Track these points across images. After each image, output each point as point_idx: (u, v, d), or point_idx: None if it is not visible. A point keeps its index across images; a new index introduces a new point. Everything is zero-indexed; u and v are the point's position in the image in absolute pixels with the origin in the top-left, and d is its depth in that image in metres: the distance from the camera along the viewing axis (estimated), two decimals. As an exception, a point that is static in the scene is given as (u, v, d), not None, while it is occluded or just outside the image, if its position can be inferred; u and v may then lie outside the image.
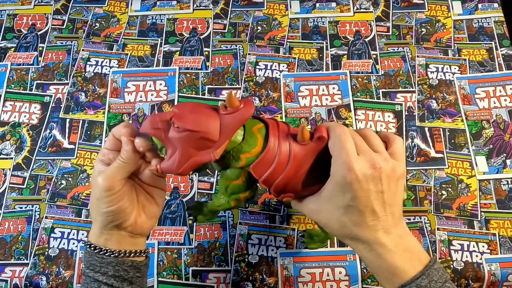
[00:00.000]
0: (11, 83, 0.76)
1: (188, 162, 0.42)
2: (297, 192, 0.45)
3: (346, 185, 0.40)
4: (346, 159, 0.40)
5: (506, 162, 0.69)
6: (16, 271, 0.63)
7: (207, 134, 0.41)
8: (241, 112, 0.42)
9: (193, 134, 0.41)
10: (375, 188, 0.41)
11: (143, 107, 0.74)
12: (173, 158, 0.42)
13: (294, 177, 0.43)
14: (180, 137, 0.41)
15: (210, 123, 0.42)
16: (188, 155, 0.42)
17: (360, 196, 0.41)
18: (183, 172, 0.42)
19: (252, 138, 0.44)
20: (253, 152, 0.43)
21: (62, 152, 0.71)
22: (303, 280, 0.62)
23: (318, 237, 0.60)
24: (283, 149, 0.43)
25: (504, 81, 0.75)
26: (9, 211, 0.67)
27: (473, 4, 0.83)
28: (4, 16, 0.83)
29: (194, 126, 0.41)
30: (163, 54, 0.79)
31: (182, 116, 0.42)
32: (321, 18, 0.83)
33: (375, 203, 0.41)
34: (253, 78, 0.76)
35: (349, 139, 0.42)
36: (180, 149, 0.42)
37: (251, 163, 0.43)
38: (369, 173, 0.40)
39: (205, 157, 0.42)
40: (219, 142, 0.42)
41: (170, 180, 0.69)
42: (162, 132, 0.42)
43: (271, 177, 0.43)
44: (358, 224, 0.42)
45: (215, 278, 0.62)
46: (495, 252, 0.63)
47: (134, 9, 0.84)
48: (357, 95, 0.74)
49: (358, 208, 0.41)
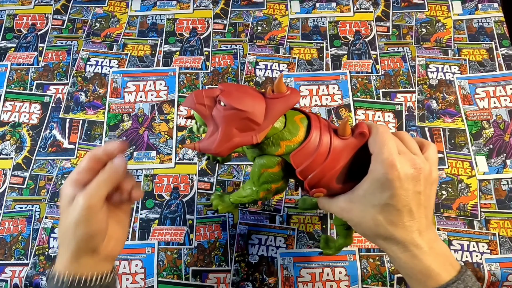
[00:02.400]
0: (11, 83, 0.76)
1: (229, 143, 0.41)
2: (330, 188, 0.44)
3: (386, 182, 0.40)
4: (388, 156, 0.40)
5: (506, 162, 0.69)
6: (16, 271, 0.63)
7: (253, 115, 0.40)
8: (287, 98, 0.41)
9: (238, 113, 0.40)
10: (414, 188, 0.41)
11: (143, 107, 0.74)
12: (213, 137, 0.41)
13: (330, 171, 0.43)
14: (225, 115, 0.40)
15: (256, 104, 0.41)
16: (230, 135, 0.41)
17: (399, 195, 0.40)
18: (221, 152, 0.41)
19: (294, 127, 0.43)
20: (294, 140, 0.42)
21: (62, 152, 0.71)
22: (303, 280, 0.62)
23: (335, 244, 0.59)
24: (324, 142, 0.42)
25: (504, 81, 0.75)
26: (9, 211, 0.67)
27: (473, 4, 0.83)
28: (4, 16, 0.83)
29: (241, 105, 0.40)
30: (163, 54, 0.79)
31: (229, 94, 0.41)
32: (321, 18, 0.83)
33: (413, 204, 0.41)
34: (253, 78, 0.76)
35: (391, 138, 0.41)
36: (222, 127, 0.40)
37: (290, 151, 0.42)
38: (410, 173, 0.40)
39: (247, 139, 0.41)
40: (262, 126, 0.41)
41: (170, 180, 0.69)
42: (206, 109, 0.41)
43: (309, 168, 0.42)
44: (395, 224, 0.41)
45: (215, 278, 0.62)
46: (495, 252, 0.63)
47: (134, 9, 0.84)
48: (357, 95, 0.74)
49: (396, 207, 0.41)
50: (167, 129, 0.72)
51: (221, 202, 0.52)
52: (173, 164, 0.70)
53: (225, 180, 0.69)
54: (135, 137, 0.72)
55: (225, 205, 0.52)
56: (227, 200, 0.52)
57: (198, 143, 0.42)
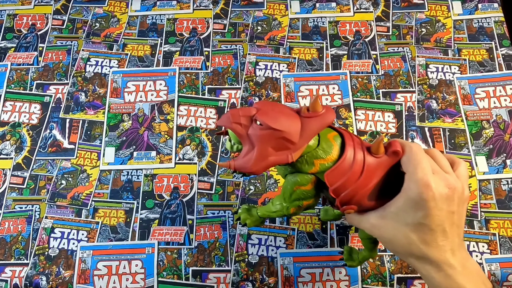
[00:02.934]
0: (11, 83, 0.76)
1: (264, 162, 0.41)
2: (361, 205, 0.44)
3: (420, 202, 0.40)
4: (422, 176, 0.40)
5: (506, 162, 0.69)
6: (16, 271, 0.63)
7: (289, 134, 0.41)
8: (322, 117, 0.42)
9: (275, 133, 0.40)
10: (448, 208, 0.41)
11: (143, 107, 0.74)
12: (249, 156, 0.41)
13: (363, 189, 0.43)
14: (261, 135, 0.41)
15: (292, 124, 0.41)
16: (265, 154, 0.41)
17: (434, 215, 0.40)
18: (257, 171, 0.41)
19: (328, 145, 0.43)
20: (328, 159, 0.43)
21: (62, 152, 0.71)
22: (303, 280, 0.62)
23: (358, 255, 0.58)
24: (358, 160, 0.42)
25: (504, 81, 0.75)
26: (9, 211, 0.67)
27: (473, 4, 0.83)
28: (4, 16, 0.83)
29: (277, 125, 0.40)
30: (163, 54, 0.79)
31: (265, 113, 0.41)
32: (321, 18, 0.83)
33: (446, 223, 0.41)
34: (253, 78, 0.76)
35: (425, 157, 0.42)
36: (258, 147, 0.41)
37: (324, 169, 0.43)
38: (444, 193, 0.40)
39: (282, 158, 0.41)
40: (298, 144, 0.41)
41: (170, 180, 0.69)
42: (242, 128, 0.41)
43: (343, 186, 0.43)
44: (428, 243, 0.42)
45: (215, 278, 0.62)
46: (495, 252, 0.63)
47: (134, 9, 0.84)
48: (357, 95, 0.74)
49: (430, 227, 0.41)
50: (167, 129, 0.72)
51: (249, 216, 0.52)
52: (173, 164, 0.70)
53: (225, 180, 0.69)
54: (135, 137, 0.72)
55: (253, 219, 0.52)
56: (255, 214, 0.52)
57: (234, 161, 0.42)
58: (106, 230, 0.65)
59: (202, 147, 0.71)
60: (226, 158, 0.70)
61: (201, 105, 0.74)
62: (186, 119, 0.73)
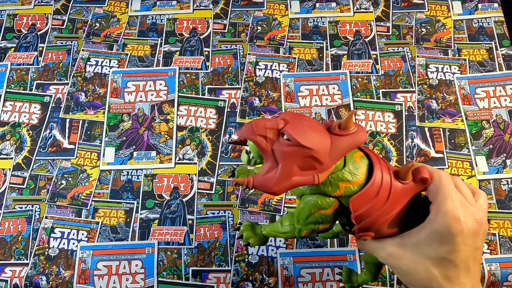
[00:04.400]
0: (11, 83, 0.76)
1: (288, 182, 0.37)
2: (379, 233, 0.41)
3: (447, 236, 0.38)
4: (452, 209, 0.38)
5: (506, 162, 0.69)
6: (16, 271, 0.63)
7: (318, 153, 0.36)
8: (354, 136, 0.38)
9: (303, 151, 0.36)
10: (473, 243, 0.39)
11: (143, 107, 0.74)
12: (271, 174, 0.37)
13: (385, 216, 0.40)
14: (287, 151, 0.36)
15: (322, 141, 0.37)
16: (290, 173, 0.37)
17: (460, 250, 0.38)
18: (278, 191, 0.37)
19: (354, 166, 0.39)
20: (355, 182, 0.39)
21: (62, 152, 0.71)
22: (303, 280, 0.62)
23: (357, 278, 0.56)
24: (385, 185, 0.39)
25: (504, 81, 0.75)
26: (9, 211, 0.67)
27: (473, 4, 0.83)
28: (4, 16, 0.83)
29: (307, 142, 0.36)
30: (163, 54, 0.79)
31: (295, 127, 0.37)
32: (321, 18, 0.83)
33: (470, 260, 0.39)
34: (253, 78, 0.76)
35: (454, 188, 0.39)
36: (283, 165, 0.37)
37: (349, 193, 0.39)
38: (473, 227, 0.38)
39: (308, 179, 0.37)
40: (325, 165, 0.37)
41: (170, 180, 0.69)
42: (267, 142, 0.37)
43: (367, 213, 0.39)
44: (450, 280, 0.39)
45: (215, 278, 0.62)
46: (495, 252, 0.63)
47: (134, 9, 0.84)
48: (357, 95, 0.74)
49: (454, 263, 0.38)
50: (167, 129, 0.72)
51: (252, 234, 0.48)
52: (173, 164, 0.70)
53: (225, 180, 0.69)
54: (135, 137, 0.72)
55: (257, 238, 0.48)
56: (259, 233, 0.48)
57: (252, 178, 0.38)
58: (106, 230, 0.65)
59: (202, 147, 0.71)
60: (226, 158, 0.70)
61: (201, 105, 0.74)
62: (186, 119, 0.73)
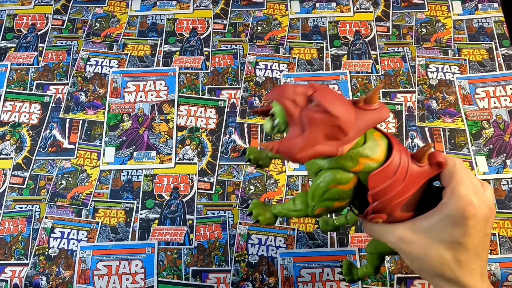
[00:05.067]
0: (11, 83, 0.76)
1: (311, 150, 0.36)
2: (391, 216, 0.41)
3: (461, 219, 0.38)
4: (466, 193, 0.38)
5: (506, 162, 0.69)
6: (16, 271, 0.63)
7: (344, 123, 0.36)
8: (378, 112, 0.38)
9: (330, 119, 0.36)
10: (484, 230, 0.39)
11: (143, 107, 0.74)
12: (296, 140, 0.36)
13: (400, 198, 0.39)
14: (315, 118, 0.36)
15: (349, 112, 0.36)
16: (315, 141, 0.36)
17: (472, 234, 0.38)
18: (301, 158, 0.36)
19: (374, 144, 0.39)
20: (375, 159, 0.39)
21: (62, 152, 0.71)
22: (303, 280, 0.62)
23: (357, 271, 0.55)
24: (402, 165, 0.39)
25: (504, 81, 0.75)
26: (9, 211, 0.67)
27: (473, 4, 0.83)
28: (4, 16, 0.83)
29: (335, 110, 0.35)
30: (163, 54, 0.79)
31: (323, 95, 0.36)
32: (321, 18, 0.83)
33: (481, 246, 0.39)
34: (253, 78, 0.76)
35: (468, 175, 0.40)
36: (309, 131, 0.36)
37: (368, 170, 0.39)
38: (485, 213, 0.38)
39: (330, 149, 0.37)
40: (349, 137, 0.37)
41: (170, 180, 0.69)
42: (295, 106, 0.36)
43: (383, 192, 0.39)
44: (462, 265, 0.39)
45: (215, 278, 0.62)
46: (495, 252, 0.63)
47: (134, 9, 0.84)
48: (357, 95, 0.74)
49: (466, 247, 0.39)
50: (167, 129, 0.72)
51: (262, 212, 0.45)
52: (173, 164, 0.70)
53: (225, 180, 0.69)
54: (135, 137, 0.72)
55: (267, 216, 0.45)
56: (269, 211, 0.46)
57: (277, 143, 0.37)
58: (106, 230, 0.65)
59: (202, 147, 0.71)
60: (226, 158, 0.70)
61: (201, 105, 0.74)
62: (186, 119, 0.73)
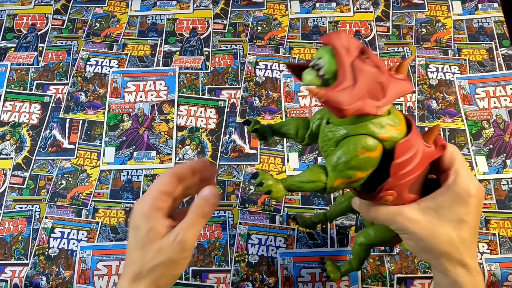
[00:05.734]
0: (11, 83, 0.76)
1: (359, 103, 0.35)
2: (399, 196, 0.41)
3: (466, 197, 0.39)
4: (469, 173, 0.40)
5: (506, 162, 0.69)
6: (16, 271, 0.63)
7: (387, 81, 0.36)
8: (406, 83, 0.38)
9: (378, 75, 0.35)
10: (480, 209, 0.41)
11: (143, 107, 0.74)
12: (346, 91, 0.35)
13: (411, 175, 0.39)
14: (367, 70, 0.35)
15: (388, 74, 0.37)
16: (362, 94, 0.35)
17: (474, 213, 0.40)
18: (349, 110, 0.35)
19: (396, 116, 0.39)
20: (399, 129, 0.38)
21: (62, 152, 0.71)
22: (303, 280, 0.62)
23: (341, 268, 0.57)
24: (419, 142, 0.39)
25: (504, 81, 0.75)
26: (9, 211, 0.67)
27: (473, 4, 0.83)
28: (4, 16, 0.83)
29: (383, 66, 0.36)
30: (163, 54, 0.79)
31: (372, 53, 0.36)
32: (321, 18, 0.83)
33: (477, 226, 0.41)
34: (253, 78, 0.76)
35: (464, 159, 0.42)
36: (360, 82, 0.35)
37: (395, 139, 0.38)
38: (482, 194, 0.40)
39: (370, 108, 0.36)
40: (386, 100, 0.36)
41: (170, 180, 0.69)
42: (348, 56, 0.35)
43: (404, 164, 0.38)
44: (465, 244, 0.40)
45: (215, 278, 0.62)
46: (495, 252, 0.63)
47: (134, 9, 0.84)
48: (357, 95, 0.74)
49: (469, 225, 0.40)
50: (167, 129, 0.72)
51: (274, 183, 0.41)
52: (173, 164, 0.70)
53: (225, 180, 0.69)
54: (135, 137, 0.72)
55: (279, 188, 0.41)
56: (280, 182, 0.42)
57: (326, 90, 0.35)
58: (106, 230, 0.65)
59: (202, 147, 0.71)
60: (226, 158, 0.70)
61: (201, 105, 0.74)
62: (186, 119, 0.73)
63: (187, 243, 0.40)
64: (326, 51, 0.36)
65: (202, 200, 0.42)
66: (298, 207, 0.66)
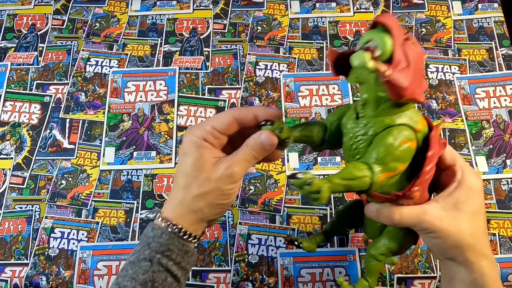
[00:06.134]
0: (11, 83, 0.76)
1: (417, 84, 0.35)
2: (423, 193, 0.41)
3: (477, 190, 0.41)
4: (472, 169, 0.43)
5: (506, 162, 0.69)
6: (16, 271, 0.63)
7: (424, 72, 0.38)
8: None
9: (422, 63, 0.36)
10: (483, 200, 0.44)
11: (143, 107, 0.74)
12: (404, 71, 0.35)
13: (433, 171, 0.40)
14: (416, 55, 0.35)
15: None
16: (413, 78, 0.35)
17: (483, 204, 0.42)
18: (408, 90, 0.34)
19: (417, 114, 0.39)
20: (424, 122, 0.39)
21: (62, 152, 0.71)
22: (303, 280, 0.62)
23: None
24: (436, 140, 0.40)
25: (504, 81, 0.75)
26: (9, 211, 0.67)
27: (473, 4, 0.83)
28: (4, 16, 0.83)
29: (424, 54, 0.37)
30: (163, 54, 0.79)
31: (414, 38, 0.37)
32: (321, 18, 0.83)
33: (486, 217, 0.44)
34: (253, 78, 0.76)
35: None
36: (414, 65, 0.35)
37: (424, 131, 0.39)
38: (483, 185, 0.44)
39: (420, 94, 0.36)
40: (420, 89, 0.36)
41: (170, 180, 0.69)
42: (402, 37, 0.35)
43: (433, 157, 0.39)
44: (485, 235, 0.42)
45: (215, 278, 0.62)
46: (495, 252, 0.63)
47: (134, 9, 0.84)
48: (357, 95, 0.74)
49: (483, 217, 0.42)
50: (167, 129, 0.72)
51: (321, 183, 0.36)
52: (173, 164, 0.70)
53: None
54: (135, 137, 0.72)
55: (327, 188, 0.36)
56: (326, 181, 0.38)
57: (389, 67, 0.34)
58: (106, 230, 0.65)
59: (202, 147, 0.71)
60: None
61: (201, 105, 0.74)
62: (186, 119, 0.73)
63: (237, 176, 0.40)
64: (378, 32, 0.36)
65: (257, 143, 0.40)
66: (298, 207, 0.67)
